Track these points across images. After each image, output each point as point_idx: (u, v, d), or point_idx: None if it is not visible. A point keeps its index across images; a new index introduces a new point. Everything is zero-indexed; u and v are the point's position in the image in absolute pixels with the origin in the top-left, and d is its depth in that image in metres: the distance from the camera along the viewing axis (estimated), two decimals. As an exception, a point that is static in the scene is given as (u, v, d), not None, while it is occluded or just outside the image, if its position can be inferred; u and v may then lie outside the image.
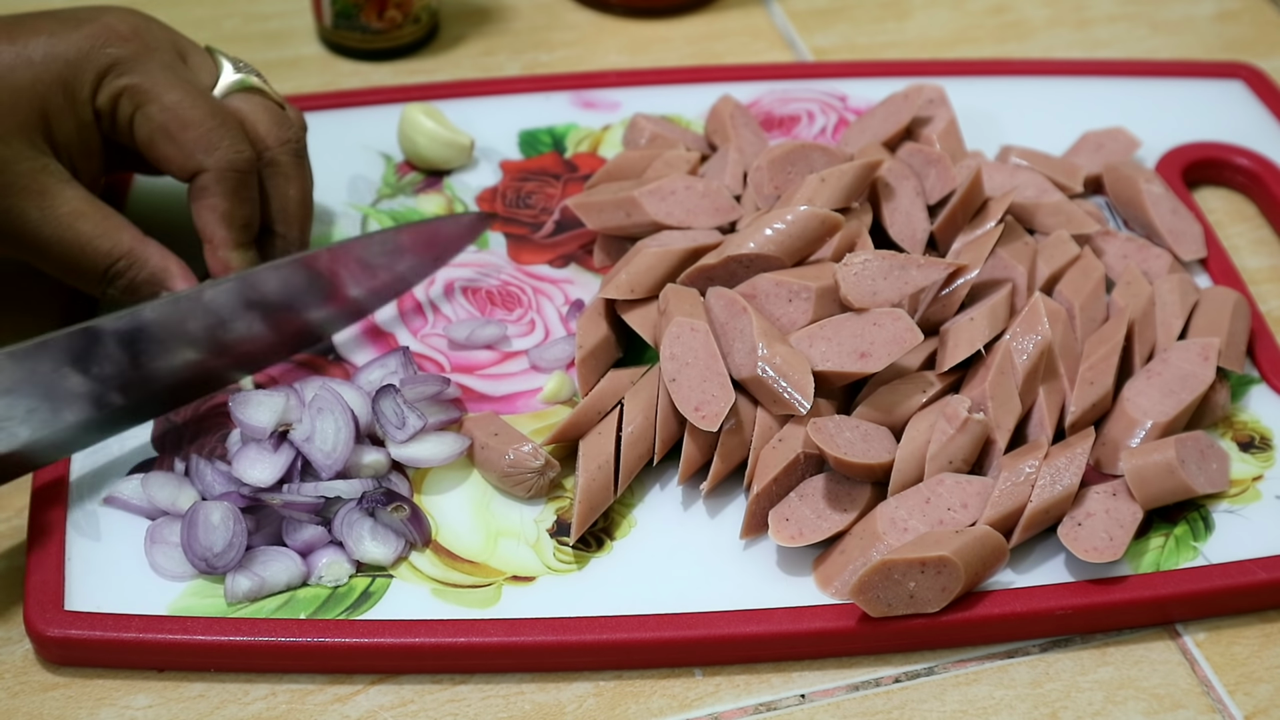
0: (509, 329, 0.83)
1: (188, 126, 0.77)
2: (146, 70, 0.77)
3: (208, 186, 0.78)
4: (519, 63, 1.03)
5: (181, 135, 0.77)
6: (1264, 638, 0.73)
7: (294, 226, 0.82)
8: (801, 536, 0.72)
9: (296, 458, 0.74)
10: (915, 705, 0.70)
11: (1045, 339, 0.76)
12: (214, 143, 0.77)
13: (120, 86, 0.77)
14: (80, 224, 0.77)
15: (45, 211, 0.76)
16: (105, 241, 0.77)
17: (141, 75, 0.77)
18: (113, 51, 0.77)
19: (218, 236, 0.79)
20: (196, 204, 0.79)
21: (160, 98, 0.77)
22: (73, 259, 0.77)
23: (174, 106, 0.77)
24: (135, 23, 0.79)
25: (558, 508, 0.75)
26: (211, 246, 0.79)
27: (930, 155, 0.84)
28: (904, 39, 1.06)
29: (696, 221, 0.82)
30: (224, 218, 0.78)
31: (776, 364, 0.73)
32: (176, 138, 0.77)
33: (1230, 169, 0.95)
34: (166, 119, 0.77)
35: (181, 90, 0.77)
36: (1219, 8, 1.10)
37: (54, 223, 0.77)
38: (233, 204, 0.78)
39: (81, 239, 0.77)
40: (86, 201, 0.77)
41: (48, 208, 0.76)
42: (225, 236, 0.79)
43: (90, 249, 0.77)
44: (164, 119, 0.77)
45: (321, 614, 0.71)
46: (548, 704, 0.69)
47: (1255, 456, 0.79)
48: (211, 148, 0.77)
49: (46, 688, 0.69)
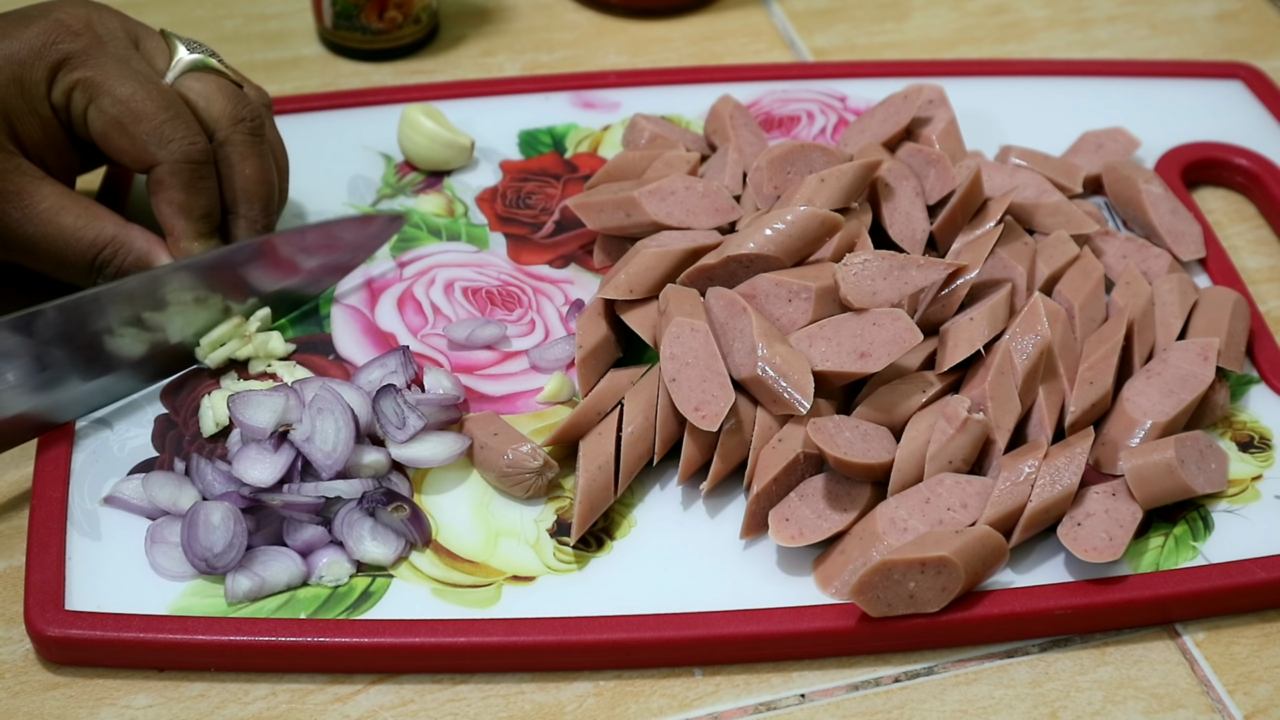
0: (509, 329, 0.83)
1: (140, 119, 0.77)
2: (99, 63, 0.77)
3: (163, 179, 0.78)
4: (519, 63, 1.03)
5: (134, 128, 0.77)
6: (1263, 637, 0.73)
7: (255, 205, 0.81)
8: (801, 536, 0.72)
9: (297, 458, 0.74)
10: (915, 705, 0.70)
11: (1045, 339, 0.76)
12: (167, 135, 0.77)
13: (73, 80, 0.77)
14: (62, 218, 0.77)
15: (25, 210, 0.77)
16: (89, 232, 0.78)
17: (93, 68, 0.77)
18: (64, 46, 0.77)
19: (178, 228, 0.79)
20: (155, 197, 0.79)
21: (112, 90, 0.77)
22: (59, 253, 0.78)
23: (126, 99, 0.77)
24: (86, 15, 0.79)
25: (558, 508, 0.75)
26: (173, 238, 0.79)
27: (930, 155, 0.84)
28: (903, 39, 1.06)
29: (696, 222, 0.82)
30: (182, 209, 0.79)
31: (776, 364, 0.73)
32: (129, 131, 0.77)
33: (1230, 169, 0.95)
34: (119, 112, 0.77)
35: (134, 83, 0.77)
36: (1219, 8, 1.10)
37: (35, 220, 0.77)
38: (189, 195, 0.79)
39: (65, 233, 0.77)
40: (64, 195, 0.78)
41: (27, 207, 0.77)
42: (185, 227, 0.79)
43: (75, 241, 0.78)
44: (116, 112, 0.77)
45: (321, 614, 0.71)
46: (548, 704, 0.70)
47: (1255, 456, 0.79)
48: (165, 140, 0.77)
49: (47, 687, 0.69)
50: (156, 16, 0.84)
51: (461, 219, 0.89)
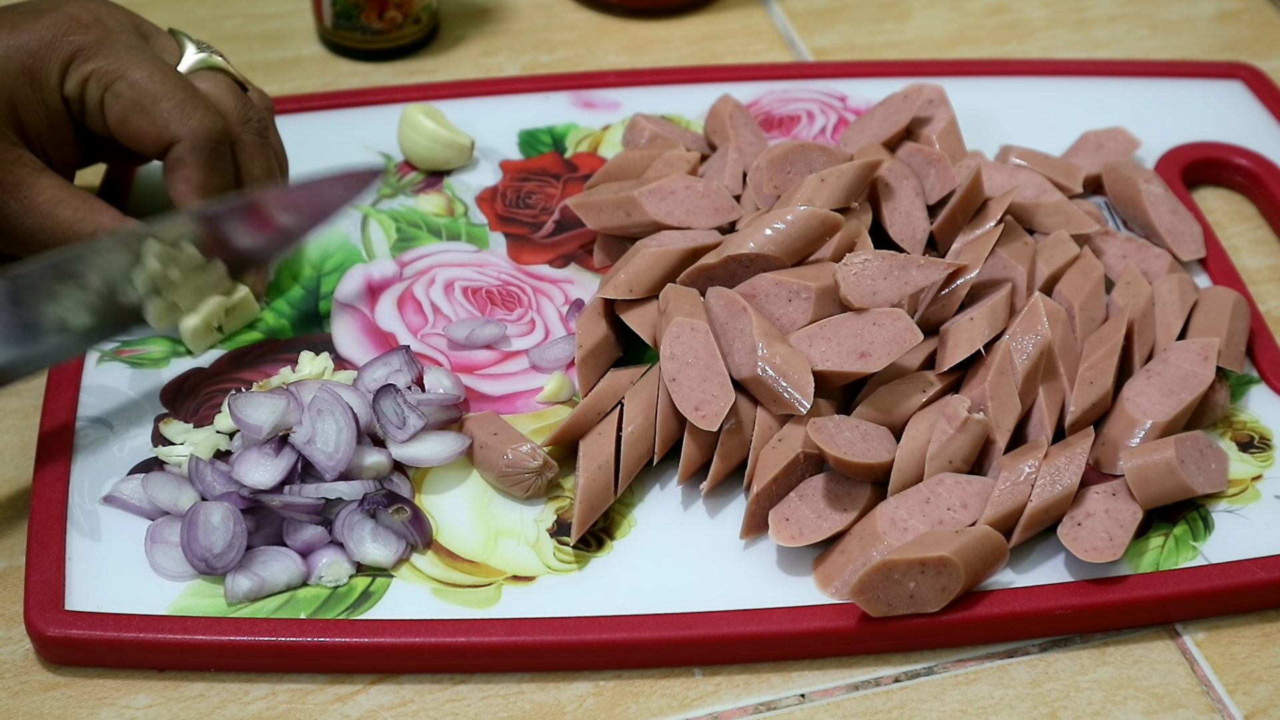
0: (509, 329, 0.83)
1: (159, 99, 0.77)
2: (111, 53, 0.78)
3: (182, 157, 0.78)
4: (519, 63, 1.03)
5: (153, 108, 0.77)
6: (1263, 637, 0.73)
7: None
8: (801, 536, 0.72)
9: (297, 461, 0.74)
10: (915, 705, 0.70)
11: (1045, 339, 0.76)
12: (187, 112, 0.77)
13: (87, 71, 0.77)
14: (60, 210, 0.77)
15: (24, 202, 0.77)
16: (87, 225, 0.78)
17: (106, 58, 0.77)
18: (75, 39, 0.77)
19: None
20: (171, 175, 0.79)
21: (127, 75, 0.77)
22: (56, 245, 0.78)
23: (142, 82, 0.77)
24: (96, 9, 0.79)
25: (558, 507, 0.75)
26: None
27: (930, 155, 0.84)
28: (903, 39, 1.06)
29: (696, 221, 0.82)
30: (199, 188, 0.78)
31: (776, 364, 0.73)
32: (149, 111, 0.77)
33: (1230, 169, 0.95)
34: (137, 94, 0.77)
35: (149, 65, 0.78)
36: (1219, 8, 1.10)
37: (34, 212, 0.77)
38: (208, 175, 0.78)
39: (63, 225, 0.77)
40: (63, 188, 0.78)
41: (26, 198, 0.77)
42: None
43: (74, 234, 0.78)
44: (134, 95, 0.77)
45: (322, 614, 0.71)
46: (548, 704, 0.70)
47: (1255, 456, 0.79)
48: (186, 117, 0.77)
49: (46, 687, 0.69)
50: (156, 16, 0.84)
51: (461, 219, 0.89)
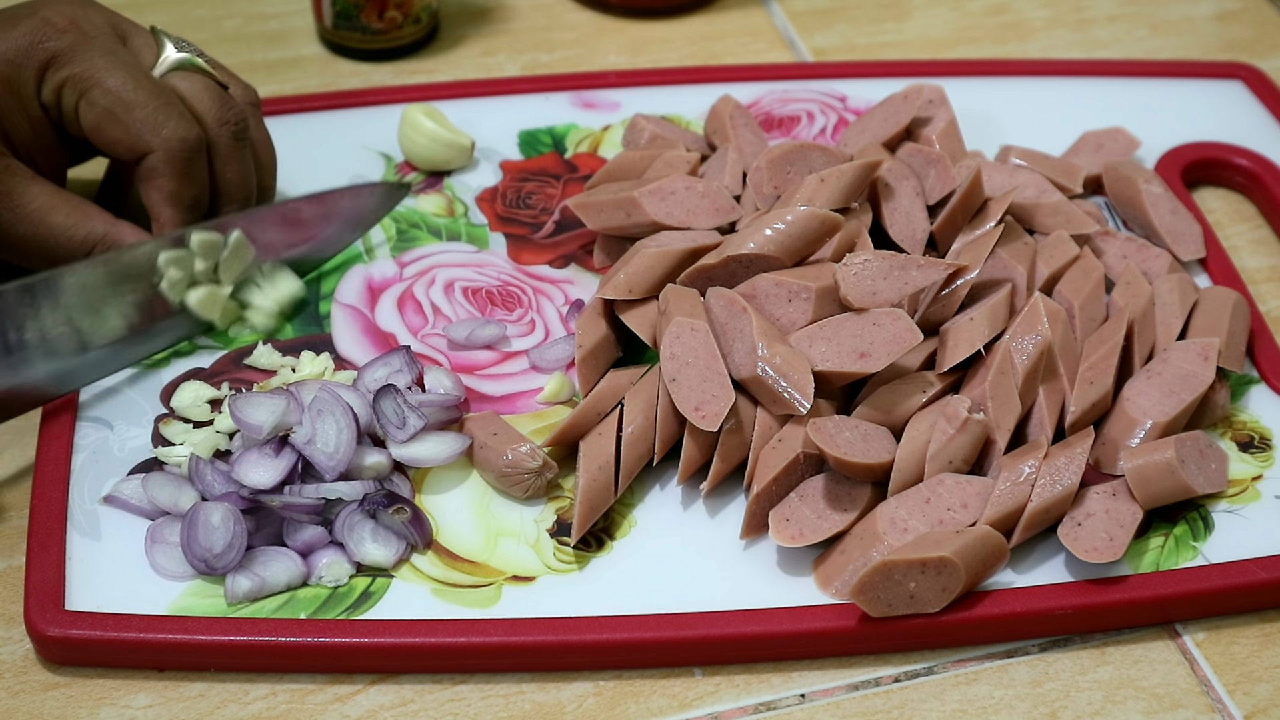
0: (509, 329, 0.83)
1: (132, 108, 0.77)
2: (86, 58, 0.77)
3: (156, 167, 0.78)
4: (519, 63, 1.03)
5: (126, 117, 0.77)
6: (1263, 637, 0.73)
7: (231, 207, 0.81)
8: (801, 536, 0.72)
9: (297, 462, 0.74)
10: (915, 705, 0.70)
11: (1045, 339, 0.76)
12: (160, 122, 0.77)
13: (62, 78, 0.77)
14: (52, 217, 0.77)
15: (16, 211, 0.77)
16: (79, 230, 0.78)
17: (81, 64, 0.77)
18: (51, 45, 0.77)
19: (165, 216, 0.79)
20: (145, 185, 0.79)
21: (102, 82, 0.77)
22: (50, 252, 0.78)
23: (116, 90, 0.77)
24: (72, 13, 0.79)
25: (558, 508, 0.75)
26: (159, 226, 0.79)
27: (930, 155, 0.84)
28: (903, 39, 1.06)
29: (696, 222, 0.82)
30: (171, 198, 0.79)
31: (776, 364, 0.73)
32: (122, 119, 0.77)
33: (1230, 169, 0.95)
34: (110, 102, 0.77)
35: (123, 73, 0.77)
36: (1219, 8, 1.10)
37: (26, 220, 0.77)
38: (180, 184, 0.79)
39: (56, 231, 0.78)
40: (54, 195, 0.78)
41: (17, 207, 0.77)
42: (172, 216, 0.79)
43: (66, 240, 0.78)
44: (107, 103, 0.77)
45: (322, 614, 0.71)
46: (548, 704, 0.70)
47: (1255, 456, 0.79)
48: (158, 127, 0.77)
49: (47, 687, 0.69)
50: (156, 16, 0.84)
51: (461, 219, 0.89)
